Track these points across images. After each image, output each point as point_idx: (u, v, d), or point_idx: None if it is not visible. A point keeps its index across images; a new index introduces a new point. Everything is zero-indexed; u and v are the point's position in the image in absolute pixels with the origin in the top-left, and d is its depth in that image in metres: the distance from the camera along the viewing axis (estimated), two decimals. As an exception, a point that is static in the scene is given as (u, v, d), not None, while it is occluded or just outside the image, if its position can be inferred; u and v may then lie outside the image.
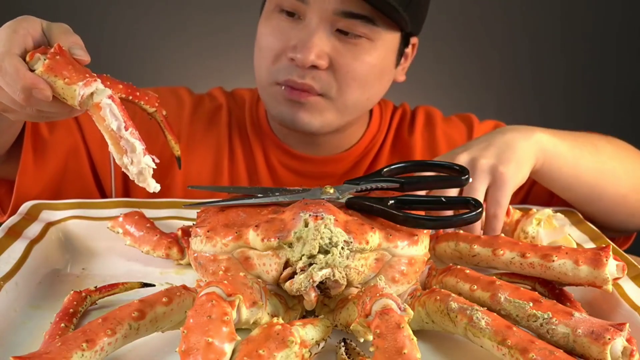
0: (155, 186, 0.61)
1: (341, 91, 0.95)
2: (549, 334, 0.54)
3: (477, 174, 0.78)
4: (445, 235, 0.71)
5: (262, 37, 0.98)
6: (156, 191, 0.61)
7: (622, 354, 0.51)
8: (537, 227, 0.75)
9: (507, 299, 0.57)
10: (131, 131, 0.59)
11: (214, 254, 0.63)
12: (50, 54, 0.61)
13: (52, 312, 0.60)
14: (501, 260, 0.65)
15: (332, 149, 1.08)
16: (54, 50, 0.61)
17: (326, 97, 0.95)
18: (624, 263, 0.63)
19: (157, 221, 0.79)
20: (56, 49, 0.61)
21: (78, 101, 0.60)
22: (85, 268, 0.74)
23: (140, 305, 0.54)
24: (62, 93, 0.61)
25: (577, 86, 2.31)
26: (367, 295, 0.53)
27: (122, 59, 2.20)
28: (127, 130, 0.59)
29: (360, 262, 0.60)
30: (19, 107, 0.64)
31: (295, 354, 0.48)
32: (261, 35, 0.98)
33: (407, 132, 1.13)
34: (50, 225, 0.77)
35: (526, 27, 2.28)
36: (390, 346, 0.47)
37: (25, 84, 0.60)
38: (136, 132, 0.60)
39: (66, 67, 0.61)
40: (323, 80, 0.94)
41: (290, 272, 0.59)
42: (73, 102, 0.60)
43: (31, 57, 0.62)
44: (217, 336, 0.46)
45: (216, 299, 0.49)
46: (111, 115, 0.59)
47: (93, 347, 0.49)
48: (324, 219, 0.59)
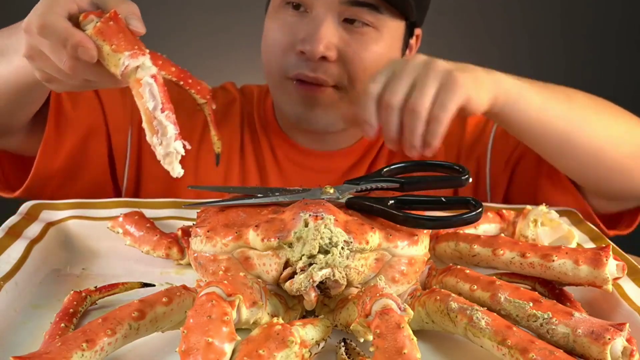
0: (179, 171, 0.60)
1: (353, 82, 0.95)
2: (549, 334, 0.54)
3: (430, 75, 0.74)
4: (445, 235, 0.71)
5: (270, 33, 0.98)
6: (179, 176, 0.60)
7: (622, 354, 0.51)
8: (535, 228, 0.75)
9: (507, 299, 0.57)
10: (167, 114, 0.58)
11: (214, 254, 0.63)
12: (104, 18, 0.60)
13: (52, 312, 0.60)
14: (501, 260, 0.65)
15: (337, 144, 1.08)
16: (109, 16, 0.60)
17: (339, 89, 0.96)
18: (624, 263, 0.63)
19: (157, 221, 0.79)
20: (111, 15, 0.61)
21: (121, 71, 0.59)
22: (85, 268, 0.74)
23: (140, 305, 0.54)
24: (107, 59, 0.60)
25: (576, 83, 2.30)
26: (367, 295, 0.53)
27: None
28: (162, 112, 0.58)
29: (360, 262, 0.60)
30: (64, 75, 0.63)
31: (295, 354, 0.48)
32: (268, 31, 0.98)
33: None
34: (50, 225, 0.77)
35: (526, 23, 2.28)
36: (390, 346, 0.47)
37: (73, 41, 0.59)
38: (172, 115, 0.59)
39: (116, 35, 0.60)
40: (334, 72, 0.94)
41: (290, 272, 0.59)
42: (116, 70, 0.59)
43: (85, 17, 0.61)
44: (217, 336, 0.46)
45: (216, 299, 0.49)
46: (150, 94, 0.58)
47: (93, 347, 0.49)
48: (324, 219, 0.59)
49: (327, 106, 0.97)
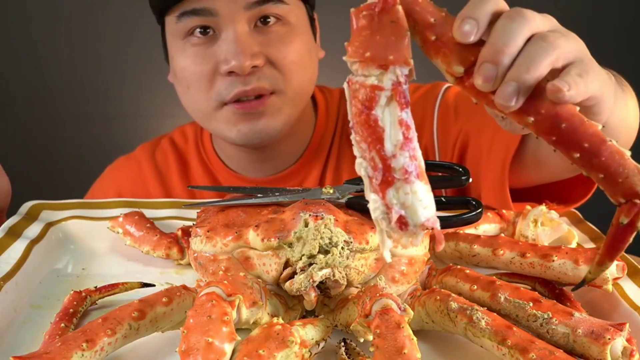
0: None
1: (287, 80, 0.95)
2: (549, 334, 0.54)
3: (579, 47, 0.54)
4: (445, 235, 0.71)
5: (186, 70, 0.94)
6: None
7: (622, 354, 0.51)
8: (535, 228, 0.75)
9: (507, 299, 0.57)
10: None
11: (214, 254, 0.63)
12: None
13: (52, 312, 0.60)
14: (501, 260, 0.65)
15: (286, 158, 1.08)
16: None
17: (278, 93, 0.95)
18: (624, 263, 0.63)
19: (157, 221, 0.79)
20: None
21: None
22: (85, 268, 0.74)
23: (140, 305, 0.54)
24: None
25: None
26: (367, 295, 0.53)
27: (123, 58, 2.20)
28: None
29: (360, 262, 0.60)
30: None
31: (295, 354, 0.48)
32: (183, 70, 0.95)
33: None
34: (50, 225, 0.77)
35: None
36: (390, 346, 0.47)
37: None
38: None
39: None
40: (268, 76, 0.93)
41: (290, 272, 0.59)
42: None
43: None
44: (217, 336, 0.46)
45: (216, 299, 0.49)
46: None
47: (93, 347, 0.49)
48: (324, 219, 0.59)
49: (273, 114, 0.96)
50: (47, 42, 2.14)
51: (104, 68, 2.21)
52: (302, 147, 1.10)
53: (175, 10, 0.92)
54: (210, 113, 0.96)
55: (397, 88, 0.44)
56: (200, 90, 0.94)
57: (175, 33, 0.94)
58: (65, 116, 2.24)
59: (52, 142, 2.26)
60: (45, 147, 2.25)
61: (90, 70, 2.21)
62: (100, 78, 2.22)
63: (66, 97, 2.23)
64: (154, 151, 1.15)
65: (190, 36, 0.93)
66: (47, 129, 2.24)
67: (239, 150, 1.06)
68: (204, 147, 1.13)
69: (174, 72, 0.99)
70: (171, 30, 0.95)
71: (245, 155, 1.07)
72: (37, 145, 2.25)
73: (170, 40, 0.97)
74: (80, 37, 2.16)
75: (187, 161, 1.13)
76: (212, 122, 0.97)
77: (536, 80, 0.48)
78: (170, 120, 1.19)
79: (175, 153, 1.14)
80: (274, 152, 1.07)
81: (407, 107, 0.45)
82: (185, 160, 1.13)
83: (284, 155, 1.09)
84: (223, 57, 0.91)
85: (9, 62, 2.15)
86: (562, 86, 0.47)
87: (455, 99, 1.05)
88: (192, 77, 0.94)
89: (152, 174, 1.12)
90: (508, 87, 0.47)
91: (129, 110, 2.24)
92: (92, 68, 2.21)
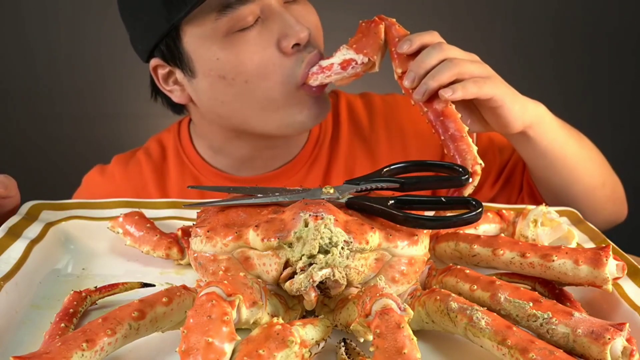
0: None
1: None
2: (549, 334, 0.54)
3: (484, 66, 0.84)
4: (445, 235, 0.71)
5: (244, 64, 0.90)
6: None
7: (622, 354, 0.51)
8: (535, 228, 0.75)
9: (507, 299, 0.57)
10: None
11: (214, 254, 0.63)
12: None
13: (52, 312, 0.60)
14: (501, 260, 0.65)
15: (282, 156, 1.09)
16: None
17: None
18: (624, 263, 0.63)
19: (157, 221, 0.79)
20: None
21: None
22: (85, 268, 0.74)
23: (140, 305, 0.54)
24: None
25: (570, 88, 2.30)
26: (367, 295, 0.53)
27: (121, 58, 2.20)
28: None
29: (360, 262, 0.60)
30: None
31: (295, 354, 0.48)
32: (238, 65, 0.90)
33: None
34: (50, 225, 0.77)
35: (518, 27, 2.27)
36: (390, 346, 0.47)
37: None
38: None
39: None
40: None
41: (290, 272, 0.59)
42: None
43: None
44: (217, 336, 0.46)
45: (216, 299, 0.49)
46: None
47: (93, 347, 0.49)
48: (324, 219, 0.59)
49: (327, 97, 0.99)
50: (46, 42, 2.14)
51: (102, 68, 2.21)
52: (298, 146, 1.10)
53: (215, 7, 0.88)
54: (281, 100, 0.93)
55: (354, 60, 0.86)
56: (266, 79, 0.91)
57: (215, 32, 0.89)
58: (65, 116, 2.24)
59: (52, 142, 2.25)
60: (45, 148, 2.25)
61: (89, 70, 2.21)
62: (100, 78, 2.22)
63: (66, 97, 2.23)
64: (127, 163, 1.15)
65: (239, 30, 0.89)
66: (47, 129, 2.24)
67: (246, 146, 1.05)
68: (184, 150, 1.12)
69: (212, 77, 0.93)
70: (205, 32, 0.90)
71: (248, 153, 1.07)
72: (37, 145, 2.24)
73: (198, 45, 0.92)
74: (78, 37, 2.16)
75: (165, 171, 1.12)
76: (280, 110, 0.94)
77: (439, 86, 0.78)
78: (170, 120, 1.19)
79: (150, 164, 1.13)
80: (279, 148, 1.07)
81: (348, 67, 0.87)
82: (162, 170, 1.13)
83: (283, 153, 1.09)
84: (282, 32, 0.89)
85: (8, 62, 2.15)
86: (444, 91, 0.77)
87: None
88: (253, 68, 0.90)
89: (126, 188, 1.12)
90: (419, 88, 0.79)
91: (129, 110, 2.24)
92: (91, 68, 2.21)
